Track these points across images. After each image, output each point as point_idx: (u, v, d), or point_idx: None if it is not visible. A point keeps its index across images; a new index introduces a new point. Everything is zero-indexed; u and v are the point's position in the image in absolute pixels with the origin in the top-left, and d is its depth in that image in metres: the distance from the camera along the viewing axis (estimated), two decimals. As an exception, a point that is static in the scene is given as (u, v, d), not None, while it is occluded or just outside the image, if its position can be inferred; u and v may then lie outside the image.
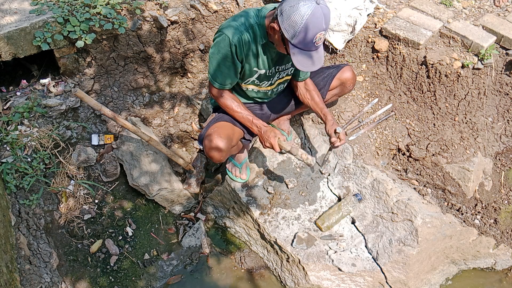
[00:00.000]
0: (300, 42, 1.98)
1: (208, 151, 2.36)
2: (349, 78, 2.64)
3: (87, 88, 2.98)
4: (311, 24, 1.92)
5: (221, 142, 2.31)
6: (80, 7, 2.77)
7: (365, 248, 2.55)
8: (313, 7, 1.90)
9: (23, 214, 2.45)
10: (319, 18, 1.92)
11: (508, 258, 2.76)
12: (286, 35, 1.99)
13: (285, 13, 1.95)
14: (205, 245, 2.83)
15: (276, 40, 2.11)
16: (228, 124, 2.41)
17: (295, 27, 1.94)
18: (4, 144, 2.57)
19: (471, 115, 2.91)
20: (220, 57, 2.16)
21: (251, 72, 2.30)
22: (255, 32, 2.14)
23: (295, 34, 1.96)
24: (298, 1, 1.92)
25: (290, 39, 1.98)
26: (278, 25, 2.01)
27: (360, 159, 2.83)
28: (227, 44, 2.11)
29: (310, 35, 1.95)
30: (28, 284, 2.22)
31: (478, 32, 2.89)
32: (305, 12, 1.90)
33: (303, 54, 2.02)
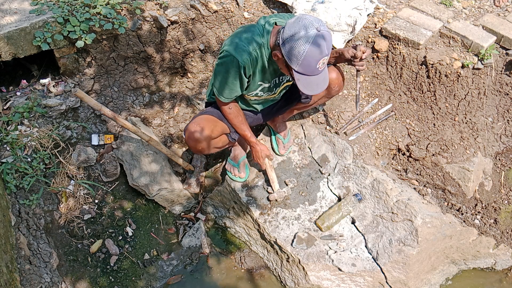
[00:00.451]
0: (304, 70, 1.99)
1: (187, 140, 2.45)
2: (333, 79, 2.47)
3: (87, 88, 2.98)
4: (313, 52, 1.93)
5: (198, 133, 2.38)
6: (80, 7, 2.77)
7: (365, 248, 2.55)
8: (314, 34, 1.91)
9: (23, 214, 2.45)
10: (321, 45, 1.93)
11: (508, 258, 2.76)
12: (290, 63, 2.00)
13: (287, 42, 1.96)
14: (205, 245, 2.83)
15: (280, 65, 2.14)
16: (211, 117, 2.47)
17: (297, 56, 1.95)
18: (4, 144, 2.57)
19: (471, 115, 2.91)
20: (228, 76, 2.18)
21: (256, 86, 2.34)
22: (262, 51, 2.16)
23: (298, 63, 1.97)
24: (299, 30, 1.92)
25: (294, 66, 2.00)
26: (280, 53, 2.03)
27: (360, 159, 2.83)
28: (236, 66, 2.12)
29: (313, 62, 1.97)
30: (28, 284, 2.22)
31: (478, 32, 2.89)
32: (307, 41, 1.91)
33: (307, 79, 2.04)
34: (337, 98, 3.03)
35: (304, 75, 2.02)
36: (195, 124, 2.42)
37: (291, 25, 1.95)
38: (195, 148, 2.48)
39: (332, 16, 2.87)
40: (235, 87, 2.23)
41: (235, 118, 2.44)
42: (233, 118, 2.44)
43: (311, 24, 1.92)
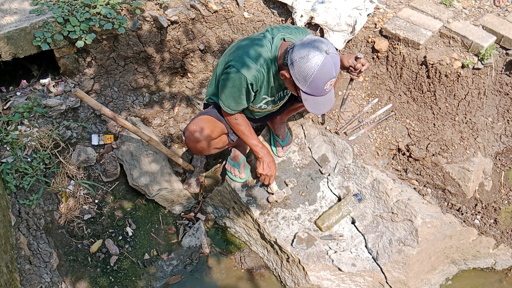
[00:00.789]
0: (312, 90, 2.03)
1: (187, 141, 2.45)
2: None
3: (87, 88, 2.98)
4: (322, 74, 1.97)
5: (198, 133, 2.38)
6: (80, 7, 2.77)
7: (365, 248, 2.55)
8: (323, 58, 1.94)
9: (23, 214, 2.45)
10: (329, 68, 1.97)
11: (508, 258, 2.76)
12: (298, 84, 2.03)
13: (295, 64, 1.99)
14: (205, 245, 2.83)
15: (287, 83, 2.17)
16: (210, 118, 2.47)
17: (306, 78, 1.99)
18: (4, 144, 2.57)
19: (471, 115, 2.91)
20: (235, 90, 2.21)
21: (260, 99, 2.36)
22: (269, 67, 2.18)
23: (306, 84, 2.01)
24: (308, 52, 1.95)
25: (302, 87, 2.04)
26: (289, 73, 2.05)
27: (360, 159, 2.83)
28: (244, 82, 2.15)
29: (321, 84, 2.00)
30: (28, 284, 2.22)
31: (478, 32, 2.89)
32: (316, 64, 1.94)
33: (315, 99, 2.07)
34: (337, 98, 3.03)
35: (312, 96, 2.06)
36: (195, 124, 2.42)
37: (301, 47, 1.99)
38: (195, 149, 2.49)
39: (332, 16, 2.87)
40: (241, 100, 2.26)
41: (242, 129, 2.44)
42: (240, 128, 2.44)
43: (321, 47, 1.96)
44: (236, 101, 2.27)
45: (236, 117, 2.41)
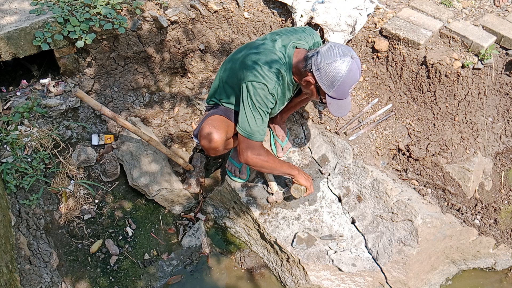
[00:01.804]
0: (337, 94, 2.10)
1: (204, 143, 2.38)
2: None
3: (87, 88, 2.98)
4: (349, 79, 2.05)
5: (216, 134, 2.33)
6: (80, 7, 2.77)
7: (365, 248, 2.55)
8: (350, 62, 2.02)
9: (23, 214, 2.45)
10: (355, 72, 2.06)
11: (508, 258, 2.76)
12: (324, 89, 2.09)
13: (322, 70, 2.05)
14: (205, 245, 2.83)
15: (308, 90, 2.20)
16: (222, 118, 2.43)
17: (333, 82, 2.05)
18: (4, 144, 2.57)
19: (471, 115, 2.91)
20: (260, 108, 2.17)
21: (275, 110, 2.39)
22: (284, 79, 2.21)
23: (333, 89, 2.07)
24: (334, 58, 2.02)
25: (328, 92, 2.09)
26: (314, 79, 2.10)
27: (360, 159, 2.83)
28: (267, 93, 2.14)
29: (347, 88, 2.08)
30: (28, 284, 2.22)
31: (478, 32, 2.89)
32: (344, 69, 2.02)
33: (338, 103, 2.13)
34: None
35: (336, 99, 2.12)
36: (209, 125, 2.36)
37: (326, 53, 2.05)
38: (211, 149, 2.39)
39: (332, 16, 2.87)
40: (265, 119, 2.22)
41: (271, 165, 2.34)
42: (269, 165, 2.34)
43: (345, 53, 2.04)
44: (263, 121, 2.20)
45: (261, 152, 2.28)
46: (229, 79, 2.34)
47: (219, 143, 2.35)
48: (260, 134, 2.23)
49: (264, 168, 2.37)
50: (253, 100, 2.15)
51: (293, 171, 2.45)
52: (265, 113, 2.20)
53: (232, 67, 2.31)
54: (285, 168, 2.43)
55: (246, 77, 2.16)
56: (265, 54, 2.17)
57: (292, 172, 2.45)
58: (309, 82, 2.13)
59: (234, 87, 2.34)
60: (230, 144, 2.53)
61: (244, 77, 2.17)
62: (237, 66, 2.25)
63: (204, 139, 2.37)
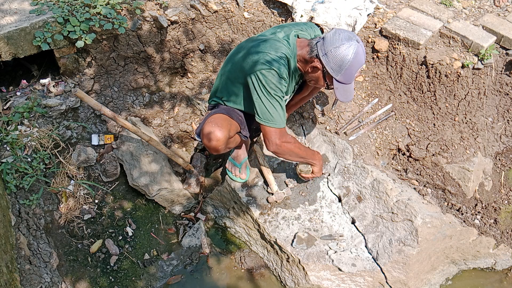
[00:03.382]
0: (344, 78, 2.13)
1: (206, 142, 2.37)
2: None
3: (87, 88, 2.98)
4: (356, 62, 2.10)
5: (219, 132, 2.33)
6: (80, 7, 2.77)
7: (365, 248, 2.55)
8: (356, 46, 2.07)
9: (23, 214, 2.45)
10: (362, 55, 2.11)
11: (508, 258, 2.76)
12: (332, 73, 2.12)
13: (330, 54, 2.08)
14: (205, 245, 2.83)
15: (314, 77, 2.22)
16: (224, 116, 2.42)
17: (341, 66, 2.09)
18: (4, 144, 2.57)
19: (471, 115, 2.91)
20: (275, 93, 2.17)
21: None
22: (290, 65, 2.22)
23: (341, 72, 2.10)
24: (341, 42, 2.06)
25: (335, 76, 2.12)
26: (321, 64, 2.13)
27: (360, 159, 2.83)
28: (278, 78, 2.14)
29: (354, 71, 2.12)
30: (28, 284, 2.22)
31: (478, 32, 2.89)
32: (351, 52, 2.06)
33: (344, 87, 2.17)
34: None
35: (343, 84, 2.15)
36: (212, 124, 2.35)
37: (332, 38, 2.08)
38: (213, 148, 2.39)
39: (332, 16, 2.87)
40: (282, 103, 2.22)
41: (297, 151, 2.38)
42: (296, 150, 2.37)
43: (351, 37, 2.08)
44: (280, 107, 2.20)
45: (288, 138, 2.31)
46: (231, 74, 2.34)
47: (222, 142, 2.35)
48: (282, 119, 2.25)
49: (292, 155, 2.40)
50: (266, 88, 2.15)
51: (315, 161, 2.54)
52: (281, 98, 2.21)
53: (234, 62, 2.31)
54: (309, 155, 2.50)
55: (253, 67, 2.15)
56: (269, 43, 2.19)
57: (314, 161, 2.54)
58: (316, 67, 2.15)
59: (237, 84, 2.33)
60: (232, 143, 2.53)
61: (250, 68, 2.16)
62: (241, 59, 2.26)
63: (206, 138, 2.36)
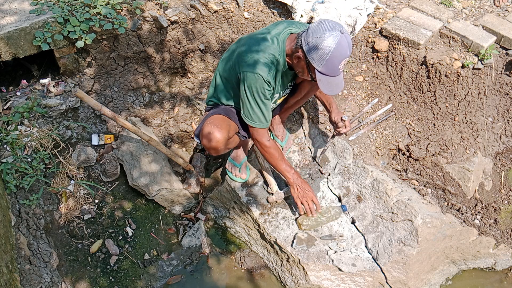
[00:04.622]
0: (327, 70, 2.08)
1: (205, 142, 2.38)
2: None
3: (87, 88, 2.98)
4: (338, 53, 2.03)
5: (218, 133, 2.33)
6: (80, 7, 2.77)
7: (365, 248, 2.55)
8: (339, 36, 2.01)
9: (23, 214, 2.46)
10: (345, 46, 2.04)
11: (508, 258, 2.76)
12: (313, 64, 2.07)
13: (311, 43, 2.04)
14: (205, 245, 2.83)
15: (299, 67, 2.19)
16: (223, 117, 2.43)
17: (322, 56, 2.04)
18: (4, 144, 2.57)
19: (471, 115, 2.91)
20: (259, 95, 2.20)
21: (273, 99, 2.38)
22: (279, 63, 2.21)
23: (322, 63, 2.06)
24: (323, 32, 2.01)
25: (317, 67, 2.07)
26: (304, 55, 2.09)
27: (360, 159, 2.83)
28: (263, 82, 2.16)
29: (336, 63, 2.06)
30: (28, 284, 2.22)
31: (478, 32, 2.89)
32: (332, 42, 2.01)
33: (328, 79, 2.12)
34: (337, 98, 3.03)
35: (326, 76, 2.10)
36: (211, 124, 2.36)
37: (315, 28, 2.05)
38: (212, 149, 2.40)
39: (332, 16, 2.87)
40: (267, 106, 2.25)
41: (274, 152, 2.40)
42: (272, 152, 2.40)
43: (335, 27, 2.03)
44: (263, 109, 2.24)
45: (268, 138, 2.37)
46: (225, 73, 2.35)
47: (221, 143, 2.35)
48: (261, 121, 2.28)
49: (267, 158, 2.43)
50: (251, 90, 2.18)
51: (289, 178, 2.47)
52: (264, 101, 2.22)
53: (228, 61, 2.32)
54: (282, 169, 2.45)
55: (241, 66, 2.19)
56: (258, 43, 2.20)
57: (288, 179, 2.48)
58: (300, 58, 2.12)
59: (233, 82, 2.34)
60: (231, 143, 2.53)
61: (240, 67, 2.20)
62: (234, 58, 2.27)
63: (205, 138, 2.36)
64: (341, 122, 2.53)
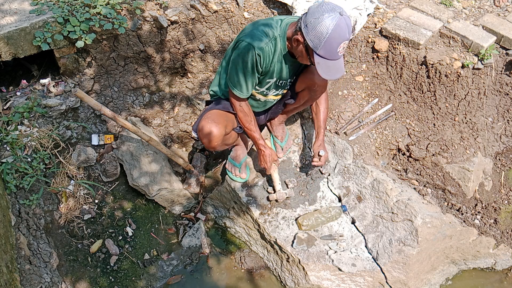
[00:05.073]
0: (325, 52, 2.04)
1: (202, 137, 2.39)
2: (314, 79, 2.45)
3: (87, 88, 2.98)
4: (336, 35, 1.99)
5: (215, 128, 2.34)
6: (80, 7, 2.77)
7: (365, 248, 2.55)
8: (337, 18, 1.98)
9: (23, 214, 2.45)
10: (343, 28, 2.00)
11: (508, 258, 2.76)
12: (311, 45, 2.04)
13: (310, 25, 2.02)
14: (205, 245, 2.83)
15: (298, 51, 2.17)
16: (221, 112, 2.44)
17: (320, 38, 2.00)
18: (4, 144, 2.57)
19: (471, 115, 2.91)
20: (243, 66, 2.20)
21: (264, 83, 2.36)
22: (277, 44, 2.20)
23: (320, 45, 2.02)
24: (322, 13, 1.99)
25: (315, 49, 2.05)
26: (302, 37, 2.07)
27: (360, 159, 2.83)
28: (252, 54, 2.15)
29: (334, 45, 2.02)
30: (28, 284, 2.22)
31: (478, 32, 2.89)
32: (330, 23, 1.97)
33: (327, 63, 2.08)
34: (337, 98, 3.03)
35: (324, 59, 2.06)
36: (208, 120, 2.38)
37: (315, 10, 2.02)
38: (210, 144, 2.42)
39: (332, 16, 2.87)
40: (248, 79, 2.24)
41: (245, 116, 2.42)
42: (243, 116, 2.42)
43: (334, 8, 1.99)
44: (245, 79, 2.24)
45: (241, 104, 2.38)
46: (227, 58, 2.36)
47: (218, 138, 2.37)
48: (242, 90, 2.28)
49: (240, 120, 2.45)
50: (240, 57, 2.18)
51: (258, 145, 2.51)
52: (249, 71, 2.21)
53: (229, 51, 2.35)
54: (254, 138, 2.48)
55: (239, 36, 2.21)
56: (262, 22, 2.23)
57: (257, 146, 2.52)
58: (298, 40, 2.10)
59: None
60: (228, 140, 2.54)
61: (237, 37, 2.23)
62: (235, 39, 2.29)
63: (202, 133, 2.39)
64: (317, 157, 2.56)
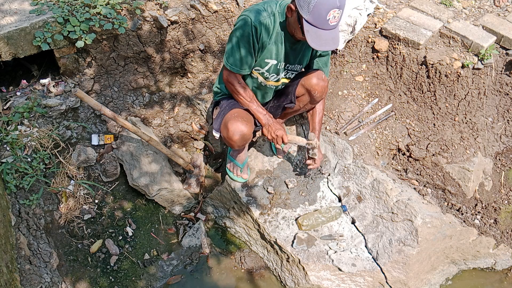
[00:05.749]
0: (314, 19, 2.01)
1: (231, 136, 2.35)
2: (314, 84, 2.45)
3: (87, 88, 2.98)
4: (325, 0, 1.97)
5: (244, 127, 2.32)
6: (80, 7, 2.77)
7: (365, 248, 2.55)
8: None
9: (23, 214, 2.46)
10: None
11: (508, 258, 2.76)
12: (301, 11, 2.03)
13: None
14: (205, 245, 2.83)
15: (292, 23, 2.16)
16: (244, 111, 2.43)
17: (309, 3, 1.98)
18: (4, 144, 2.57)
19: (471, 115, 2.91)
20: (239, 37, 2.19)
21: (263, 63, 2.34)
22: (276, 20, 2.20)
23: (309, 10, 2.00)
24: None
25: (304, 15, 2.02)
26: (294, 4, 2.08)
27: (360, 159, 2.83)
28: (248, 25, 2.15)
29: (323, 11, 1.99)
30: (28, 284, 2.22)
31: (478, 32, 2.89)
32: None
33: (317, 32, 2.05)
34: (337, 98, 3.04)
35: (314, 27, 2.04)
36: (237, 118, 2.34)
37: None
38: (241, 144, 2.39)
39: (332, 16, 2.87)
40: (244, 53, 2.22)
41: (244, 92, 2.37)
42: (242, 93, 2.37)
43: None
44: (242, 53, 2.22)
45: (240, 80, 2.35)
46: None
47: (249, 136, 2.37)
48: (236, 64, 2.27)
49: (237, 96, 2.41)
50: (237, 31, 2.19)
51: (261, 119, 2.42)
52: (245, 46, 2.20)
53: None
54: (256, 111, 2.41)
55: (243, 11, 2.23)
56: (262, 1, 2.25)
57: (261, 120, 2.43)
58: (292, 9, 2.10)
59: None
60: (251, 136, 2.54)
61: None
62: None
63: (231, 132, 2.34)
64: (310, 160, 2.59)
